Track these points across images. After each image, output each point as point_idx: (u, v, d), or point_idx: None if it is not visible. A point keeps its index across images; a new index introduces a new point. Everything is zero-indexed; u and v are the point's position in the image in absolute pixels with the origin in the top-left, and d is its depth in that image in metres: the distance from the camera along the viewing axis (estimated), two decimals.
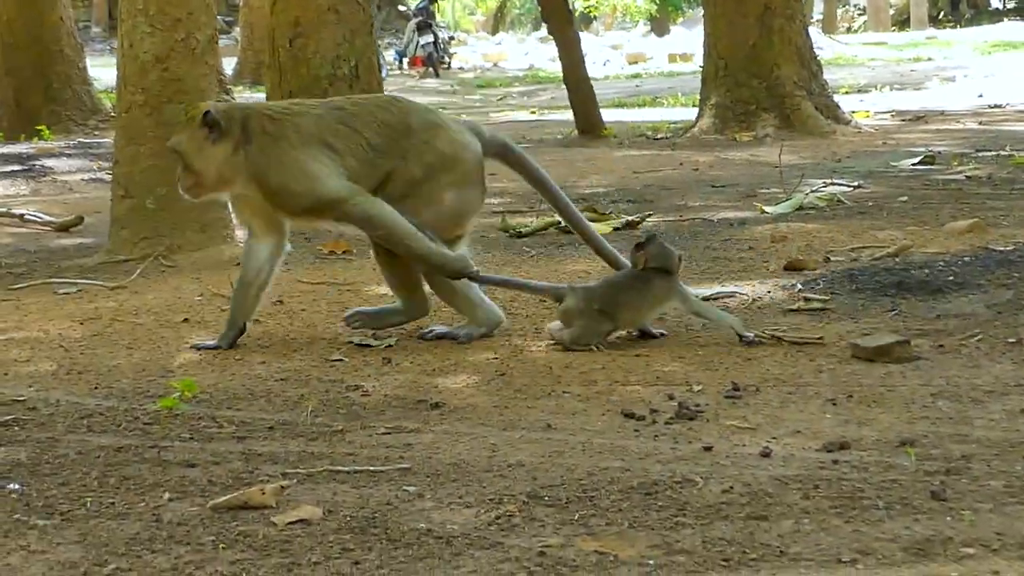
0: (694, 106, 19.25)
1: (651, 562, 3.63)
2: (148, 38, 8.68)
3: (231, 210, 6.45)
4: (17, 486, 4.47)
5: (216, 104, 6.37)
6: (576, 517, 3.99)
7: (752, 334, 6.00)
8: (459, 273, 6.18)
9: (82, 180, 12.99)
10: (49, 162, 13.48)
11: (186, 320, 6.90)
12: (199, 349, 6.30)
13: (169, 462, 4.69)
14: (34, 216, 10.73)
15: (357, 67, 10.49)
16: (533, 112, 24.07)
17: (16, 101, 18.64)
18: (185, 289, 7.57)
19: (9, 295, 7.75)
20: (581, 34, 19.09)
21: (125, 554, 3.84)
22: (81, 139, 15.84)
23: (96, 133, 17.66)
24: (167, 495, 4.33)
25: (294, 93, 10.30)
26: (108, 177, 12.77)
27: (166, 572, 3.70)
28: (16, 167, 13.33)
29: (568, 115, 18.87)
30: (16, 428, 5.17)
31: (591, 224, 6.77)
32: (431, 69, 38.75)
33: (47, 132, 16.80)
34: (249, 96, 24.83)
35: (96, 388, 5.73)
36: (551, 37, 19.04)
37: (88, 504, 4.27)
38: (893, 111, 19.39)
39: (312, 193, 6.07)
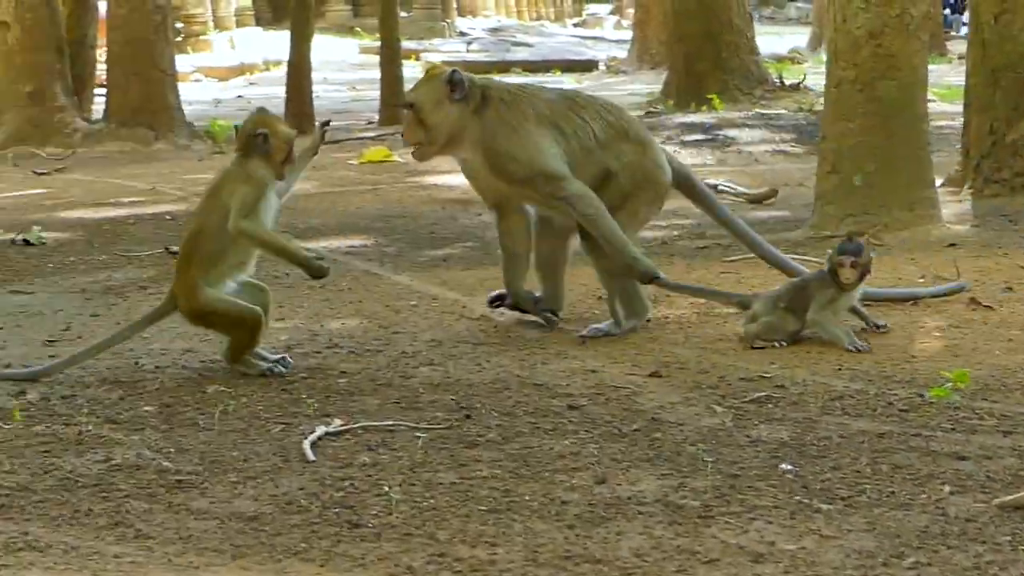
0: None
1: None
2: (862, 13, 8.60)
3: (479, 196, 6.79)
4: (789, 466, 4.50)
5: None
6: None
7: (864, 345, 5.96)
8: (647, 276, 6.36)
9: (766, 151, 13.07)
10: (731, 132, 13.63)
11: None
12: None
13: (937, 452, 4.61)
14: (728, 187, 10.88)
15: None
16: None
17: (686, 69, 18.94)
18: (902, 271, 7.46)
19: (726, 267, 7.86)
20: None
21: (920, 547, 3.80)
22: (760, 110, 15.95)
23: (763, 103, 17.74)
24: (946, 488, 4.26)
25: (997, 70, 9.96)
26: (791, 150, 12.88)
27: (969, 571, 3.63)
28: (699, 136, 13.57)
29: None
30: (770, 406, 5.22)
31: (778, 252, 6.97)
32: None
33: (718, 101, 17.04)
34: None
35: (839, 369, 5.71)
36: None
37: (867, 491, 4.24)
38: None
39: (533, 163, 6.32)
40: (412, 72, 24.07)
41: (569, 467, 4.53)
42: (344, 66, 30.08)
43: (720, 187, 10.90)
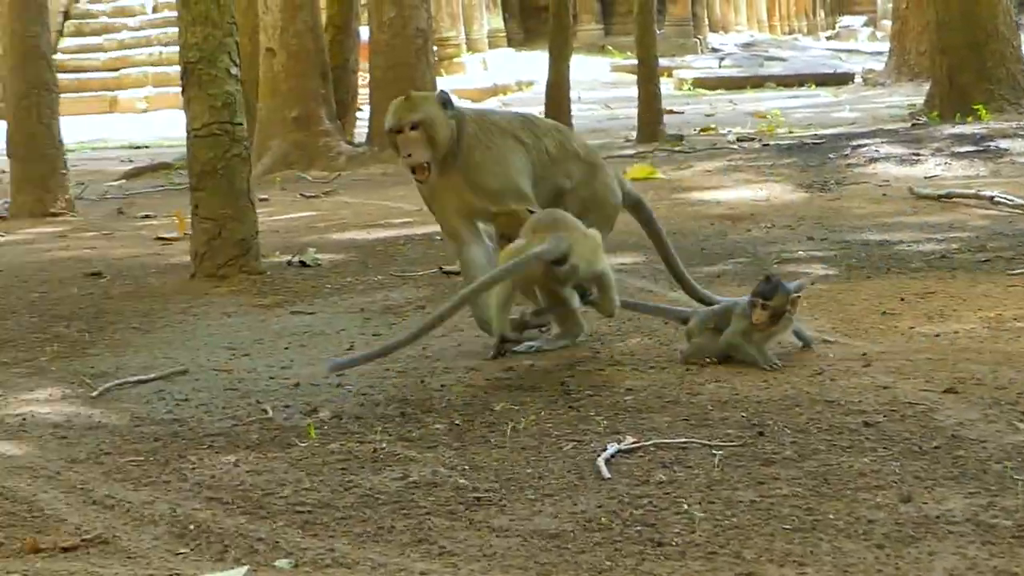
0: None
1: None
2: None
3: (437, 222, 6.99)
4: None
5: None
6: None
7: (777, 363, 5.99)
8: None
9: None
10: (1003, 143, 13.27)
11: None
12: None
13: None
14: (1005, 198, 10.59)
15: None
16: None
17: (949, 79, 18.53)
18: None
19: (1013, 280, 7.64)
20: None
21: None
22: None
23: None
24: None
25: None
26: None
27: None
28: (969, 147, 13.23)
29: None
30: None
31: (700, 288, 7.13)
32: None
33: (984, 112, 16.64)
34: None
35: None
36: None
37: None
38: None
39: (509, 178, 6.53)
40: (666, 89, 24.11)
41: (871, 485, 4.43)
42: (596, 84, 30.17)
43: (996, 199, 10.63)
